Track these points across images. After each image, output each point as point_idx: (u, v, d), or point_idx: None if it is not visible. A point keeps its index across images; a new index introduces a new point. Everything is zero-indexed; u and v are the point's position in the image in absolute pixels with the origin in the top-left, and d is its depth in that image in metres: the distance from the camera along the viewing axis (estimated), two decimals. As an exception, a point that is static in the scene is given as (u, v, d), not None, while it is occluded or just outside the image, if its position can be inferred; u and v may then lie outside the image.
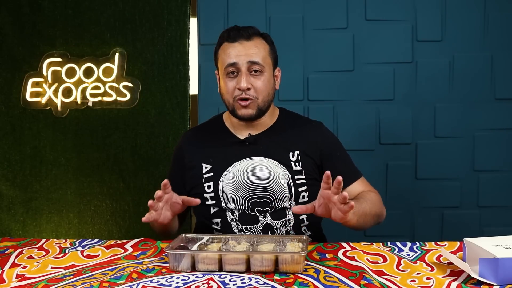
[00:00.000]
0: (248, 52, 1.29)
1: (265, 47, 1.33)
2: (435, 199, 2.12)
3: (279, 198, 1.31)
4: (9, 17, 2.17)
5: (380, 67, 2.12)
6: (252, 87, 1.30)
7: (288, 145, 1.36)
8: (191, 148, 1.41)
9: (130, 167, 2.17)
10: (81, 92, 2.17)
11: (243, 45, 1.30)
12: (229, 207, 1.32)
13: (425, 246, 1.18)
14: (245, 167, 1.32)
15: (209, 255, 1.02)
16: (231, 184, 1.31)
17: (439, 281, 0.95)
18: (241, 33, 1.31)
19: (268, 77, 1.32)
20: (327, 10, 2.12)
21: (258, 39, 1.33)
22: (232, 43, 1.31)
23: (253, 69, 1.30)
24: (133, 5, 2.14)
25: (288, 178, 1.32)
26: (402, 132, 2.12)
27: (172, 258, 1.02)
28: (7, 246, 1.27)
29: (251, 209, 1.31)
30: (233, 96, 1.31)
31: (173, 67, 2.14)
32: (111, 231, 2.20)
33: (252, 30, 1.33)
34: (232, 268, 1.00)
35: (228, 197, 1.31)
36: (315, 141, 1.38)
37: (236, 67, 1.30)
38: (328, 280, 0.95)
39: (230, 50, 1.31)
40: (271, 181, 1.31)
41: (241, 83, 1.29)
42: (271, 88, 1.35)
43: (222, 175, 1.33)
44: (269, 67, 1.33)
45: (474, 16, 2.09)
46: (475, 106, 2.10)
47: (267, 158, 1.33)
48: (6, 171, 2.21)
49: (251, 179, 1.31)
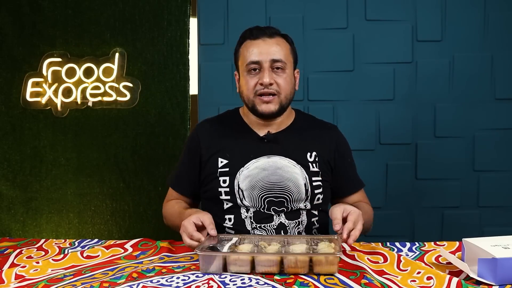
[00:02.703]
0: (271, 50, 1.29)
1: (286, 46, 1.33)
2: (435, 199, 2.12)
3: (295, 198, 1.30)
4: (9, 17, 2.17)
5: (380, 67, 2.12)
6: (275, 83, 1.29)
7: (305, 146, 1.35)
8: (207, 139, 1.37)
9: (130, 167, 2.17)
10: (81, 92, 2.17)
11: (266, 42, 1.30)
12: (244, 204, 1.30)
13: (424, 246, 1.18)
14: (263, 165, 1.30)
15: (241, 256, 0.99)
16: (247, 181, 1.29)
17: (439, 280, 0.95)
18: (263, 31, 1.31)
19: (289, 74, 1.32)
20: (327, 10, 2.12)
21: (280, 38, 1.33)
22: (254, 40, 1.30)
23: (275, 66, 1.29)
24: (133, 5, 2.14)
25: (306, 179, 1.31)
26: (402, 132, 2.12)
27: (202, 260, 0.99)
28: (7, 246, 1.27)
29: (267, 208, 1.29)
30: (254, 91, 1.30)
31: (173, 67, 2.14)
32: (111, 231, 2.20)
33: (274, 30, 1.33)
34: (264, 269, 0.98)
35: (243, 194, 1.29)
36: (331, 145, 1.38)
37: (258, 65, 1.29)
38: (328, 282, 0.95)
39: (253, 47, 1.30)
40: (288, 181, 1.30)
41: (264, 78, 1.27)
42: (292, 86, 1.34)
43: (239, 171, 1.30)
44: (291, 65, 1.33)
45: (474, 16, 2.09)
46: (475, 106, 2.10)
47: (286, 158, 1.31)
48: (6, 171, 2.21)
49: (268, 178, 1.29)
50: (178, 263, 1.08)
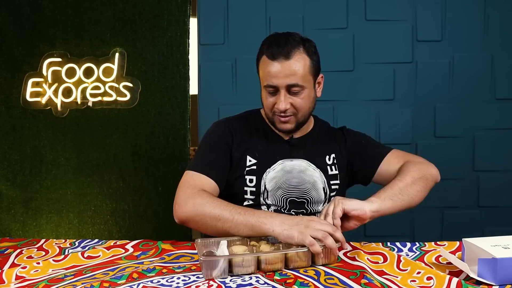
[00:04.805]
0: (287, 74, 1.24)
1: (305, 63, 1.26)
2: (435, 199, 2.11)
3: (315, 201, 1.34)
4: (9, 17, 2.17)
5: (380, 67, 2.12)
6: (291, 106, 1.29)
7: (324, 150, 1.39)
8: (239, 136, 1.36)
9: (130, 167, 2.17)
10: (81, 92, 2.17)
11: (282, 65, 1.24)
12: (267, 203, 1.32)
13: (424, 246, 1.18)
14: (287, 167, 1.33)
15: (246, 257, 0.98)
16: (273, 182, 1.31)
17: (439, 280, 0.95)
18: (281, 50, 1.24)
19: (308, 92, 1.30)
20: (327, 10, 2.12)
21: (298, 55, 1.25)
22: (271, 61, 1.25)
23: (292, 91, 1.27)
24: (133, 5, 2.14)
25: (324, 183, 1.35)
26: (402, 132, 2.12)
27: (206, 266, 0.96)
28: (7, 246, 1.27)
29: (288, 208, 1.32)
30: (272, 111, 1.31)
31: (173, 67, 2.14)
32: (111, 231, 2.20)
33: (292, 45, 1.25)
34: (270, 267, 0.99)
35: (268, 194, 1.31)
36: (343, 144, 1.42)
37: (275, 88, 1.27)
38: (328, 282, 0.95)
39: (270, 69, 1.25)
40: (309, 184, 1.33)
41: (280, 105, 1.26)
42: (311, 101, 1.33)
43: (266, 172, 1.32)
44: (309, 83, 1.30)
45: (474, 16, 2.09)
46: (475, 106, 2.10)
47: (307, 161, 1.35)
48: (6, 171, 2.21)
49: (291, 180, 1.32)
50: (178, 263, 1.08)
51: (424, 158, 1.38)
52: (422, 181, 1.27)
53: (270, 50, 1.26)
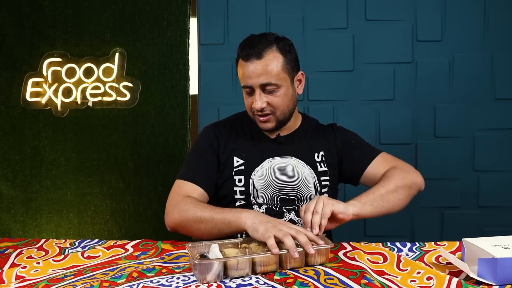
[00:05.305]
0: (259, 74, 1.26)
1: (278, 61, 1.28)
2: (435, 199, 2.12)
3: (306, 197, 1.34)
4: (9, 17, 2.17)
5: (380, 67, 2.12)
6: (268, 104, 1.30)
7: (313, 147, 1.40)
8: (224, 139, 1.39)
9: (130, 167, 2.17)
10: (81, 92, 2.17)
11: (255, 65, 1.26)
12: (258, 202, 1.32)
13: (424, 246, 1.18)
14: (275, 165, 1.34)
15: (240, 259, 0.98)
16: (262, 181, 1.33)
17: (439, 280, 0.95)
18: (253, 50, 1.26)
19: (285, 90, 1.31)
20: (327, 10, 2.12)
21: (270, 54, 1.27)
22: (245, 62, 1.28)
23: (267, 89, 1.29)
24: (133, 5, 2.14)
25: (314, 179, 1.35)
26: (402, 132, 2.12)
27: (201, 270, 0.94)
28: (7, 246, 1.27)
29: (279, 206, 1.33)
30: (252, 111, 1.34)
31: (173, 67, 2.14)
32: (111, 231, 2.20)
33: (264, 44, 1.27)
34: (264, 269, 0.99)
35: (258, 192, 1.33)
36: (332, 141, 1.42)
37: (250, 88, 1.30)
38: (328, 282, 0.95)
39: (244, 69, 1.29)
40: (299, 181, 1.34)
41: (255, 104, 1.29)
42: (289, 99, 1.34)
43: (254, 171, 1.34)
44: (285, 80, 1.30)
45: (474, 16, 2.09)
46: (475, 106, 2.10)
47: (296, 158, 1.36)
48: (6, 171, 2.21)
49: (280, 178, 1.33)
50: (178, 263, 1.08)
51: (411, 165, 1.40)
52: (405, 190, 1.30)
53: (244, 51, 1.29)
